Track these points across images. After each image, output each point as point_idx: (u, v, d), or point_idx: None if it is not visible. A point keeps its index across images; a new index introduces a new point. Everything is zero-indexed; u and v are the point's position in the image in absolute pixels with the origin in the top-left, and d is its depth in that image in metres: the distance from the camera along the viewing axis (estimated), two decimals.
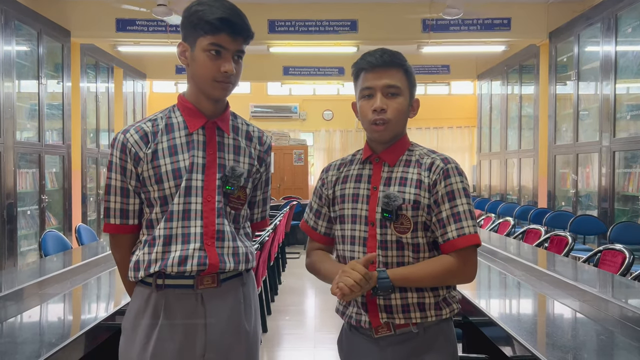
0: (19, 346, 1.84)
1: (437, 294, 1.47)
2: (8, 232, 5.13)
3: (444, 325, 1.49)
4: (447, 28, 6.84)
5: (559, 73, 6.85)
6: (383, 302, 1.45)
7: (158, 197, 1.51)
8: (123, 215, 1.55)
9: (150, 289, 1.51)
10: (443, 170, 1.45)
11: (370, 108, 1.48)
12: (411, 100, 1.53)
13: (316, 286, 6.13)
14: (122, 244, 1.58)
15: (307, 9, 6.83)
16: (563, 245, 3.83)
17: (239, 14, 1.48)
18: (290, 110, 10.81)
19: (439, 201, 1.44)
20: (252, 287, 1.65)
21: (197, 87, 1.53)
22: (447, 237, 1.43)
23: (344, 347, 1.60)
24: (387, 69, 1.48)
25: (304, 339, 4.20)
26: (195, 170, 1.51)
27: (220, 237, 1.52)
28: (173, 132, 1.53)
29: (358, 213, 1.50)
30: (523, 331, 1.92)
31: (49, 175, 6.15)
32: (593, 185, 5.96)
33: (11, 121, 5.19)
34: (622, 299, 2.33)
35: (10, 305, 2.32)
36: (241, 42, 1.49)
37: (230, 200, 1.55)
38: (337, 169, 1.62)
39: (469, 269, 1.45)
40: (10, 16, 5.19)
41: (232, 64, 1.47)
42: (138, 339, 1.50)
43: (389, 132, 1.49)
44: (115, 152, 1.53)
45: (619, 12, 5.36)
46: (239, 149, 1.59)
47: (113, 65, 7.98)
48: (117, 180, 1.53)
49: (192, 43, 1.49)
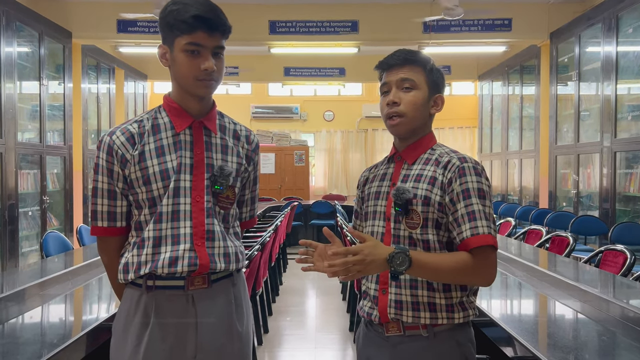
0: (20, 347, 1.84)
1: (449, 295, 1.44)
2: (9, 233, 5.14)
3: (457, 332, 1.45)
4: (447, 29, 6.84)
5: (560, 73, 6.85)
6: (394, 297, 1.44)
7: (146, 198, 1.49)
8: (110, 218, 1.53)
9: (141, 291, 1.50)
10: (459, 168, 1.43)
11: (385, 102, 1.51)
12: (431, 96, 1.52)
13: (317, 287, 6.13)
14: (110, 246, 1.57)
15: (308, 9, 6.83)
16: (564, 245, 3.83)
17: (213, 9, 1.46)
18: (291, 111, 10.81)
19: (455, 199, 1.42)
20: (243, 287, 1.64)
21: (181, 87, 1.53)
22: (462, 236, 1.40)
23: (360, 342, 1.59)
24: (403, 66, 1.49)
25: (304, 340, 4.20)
26: (183, 170, 1.50)
27: (210, 237, 1.51)
28: (160, 132, 1.52)
29: (378, 209, 1.53)
30: (524, 332, 1.92)
31: (50, 176, 6.15)
32: (594, 185, 5.96)
33: (12, 122, 5.19)
34: (624, 300, 2.33)
35: (12, 306, 2.32)
36: (219, 38, 1.48)
37: (219, 200, 1.54)
38: (369, 171, 1.65)
39: (485, 270, 1.39)
40: (11, 17, 5.20)
41: (211, 60, 1.46)
42: (129, 340, 1.49)
43: (404, 126, 1.49)
44: (102, 155, 1.51)
45: (620, 13, 5.36)
46: (227, 148, 1.58)
47: (114, 66, 7.98)
48: (104, 182, 1.52)
49: (170, 44, 1.49)
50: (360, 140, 10.97)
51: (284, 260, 6.93)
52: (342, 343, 4.12)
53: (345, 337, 4.21)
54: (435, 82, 1.52)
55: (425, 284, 1.43)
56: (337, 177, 11.03)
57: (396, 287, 1.45)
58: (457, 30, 6.84)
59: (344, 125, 10.93)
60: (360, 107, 10.72)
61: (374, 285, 1.49)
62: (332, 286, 6.03)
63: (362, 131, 10.93)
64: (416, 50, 1.53)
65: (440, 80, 1.54)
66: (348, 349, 4.00)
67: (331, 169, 11.04)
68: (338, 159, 11.01)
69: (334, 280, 6.31)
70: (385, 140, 10.86)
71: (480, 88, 9.97)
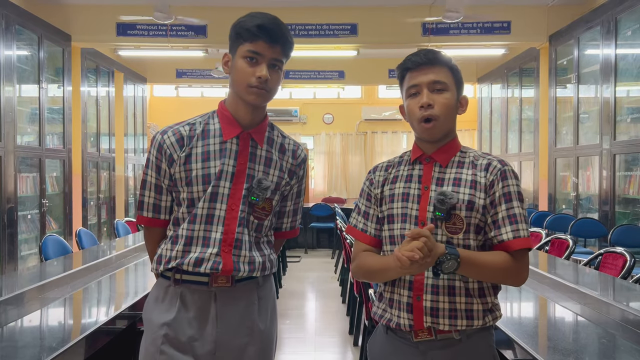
0: (19, 350, 1.84)
1: (485, 300, 1.43)
2: (8, 236, 5.13)
3: (486, 333, 1.46)
4: (447, 32, 6.84)
5: (559, 76, 6.85)
6: (430, 304, 1.41)
7: (186, 198, 1.56)
8: (155, 210, 1.61)
9: (169, 282, 1.58)
10: (501, 171, 1.43)
11: (417, 105, 1.45)
12: (459, 97, 1.51)
13: (317, 290, 6.13)
14: (153, 236, 1.65)
15: (307, 13, 6.84)
16: (564, 248, 3.82)
17: (278, 23, 1.54)
18: (291, 114, 10.81)
19: (496, 202, 1.41)
20: (270, 289, 1.67)
21: (235, 93, 1.57)
22: (502, 238, 1.39)
23: (377, 349, 1.55)
24: (432, 66, 1.47)
25: (304, 343, 4.19)
26: (224, 177, 1.55)
27: (238, 246, 1.55)
28: (208, 138, 1.58)
29: (408, 212, 1.47)
30: (524, 334, 1.92)
31: (50, 180, 6.15)
32: (594, 188, 5.96)
33: (12, 125, 5.19)
34: (624, 302, 2.33)
35: (11, 309, 2.32)
36: (279, 50, 1.53)
37: (254, 210, 1.59)
38: (385, 170, 1.58)
39: (522, 271, 1.41)
40: (11, 21, 5.20)
41: (266, 69, 1.51)
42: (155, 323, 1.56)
43: (438, 130, 1.46)
44: (153, 151, 1.59)
45: (619, 15, 5.37)
46: (271, 161, 1.61)
47: (113, 69, 7.99)
48: (152, 177, 1.60)
49: (233, 52, 1.56)
50: (359, 143, 10.97)
51: (284, 263, 6.92)
52: (342, 346, 4.12)
53: (345, 341, 4.21)
54: (460, 82, 1.52)
55: (463, 290, 1.42)
56: (337, 179, 11.03)
57: (432, 294, 1.41)
58: (456, 33, 6.84)
59: (344, 128, 10.93)
60: (360, 110, 10.73)
61: (407, 292, 1.44)
62: (331, 289, 6.02)
63: (362, 134, 10.93)
64: (438, 50, 1.51)
65: (462, 80, 1.53)
66: (348, 352, 3.99)
67: (331, 172, 11.04)
68: (337, 161, 11.01)
69: (334, 284, 6.30)
70: (384, 143, 10.87)
71: (480, 91, 9.98)
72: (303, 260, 8.20)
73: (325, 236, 9.33)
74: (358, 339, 3.96)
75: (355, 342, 4.04)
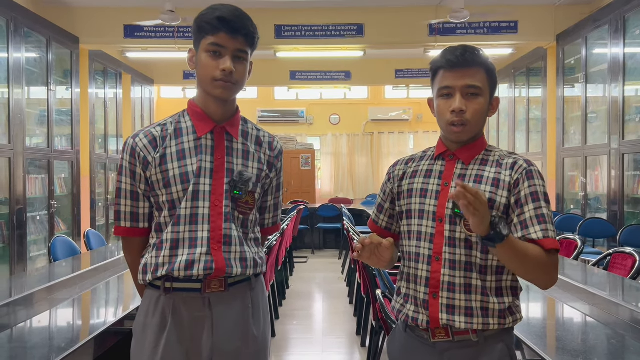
0: (28, 351, 1.85)
1: (502, 300, 1.40)
2: (18, 238, 5.17)
3: (505, 335, 1.42)
4: (453, 32, 6.83)
5: (566, 75, 6.82)
6: (446, 301, 1.39)
7: (166, 200, 1.52)
8: (133, 219, 1.57)
9: (159, 292, 1.52)
10: (526, 170, 1.40)
11: (449, 109, 1.41)
12: (491, 99, 1.47)
13: (324, 291, 6.13)
14: (133, 247, 1.60)
15: (314, 13, 6.85)
16: (572, 248, 3.81)
17: (239, 15, 1.50)
18: (297, 115, 10.82)
19: (522, 202, 1.38)
20: (262, 292, 1.64)
21: (203, 89, 1.54)
22: (531, 237, 1.35)
23: (397, 347, 1.53)
24: (468, 69, 1.41)
25: (312, 344, 4.19)
26: (203, 174, 1.51)
27: (227, 242, 1.52)
28: (182, 136, 1.55)
29: (426, 208, 1.45)
30: (532, 335, 1.91)
31: (58, 181, 6.19)
32: (602, 188, 5.92)
33: (21, 127, 5.23)
34: (633, 303, 2.31)
35: (20, 310, 2.33)
36: (241, 41, 1.50)
37: (238, 205, 1.55)
38: (405, 164, 1.56)
39: (553, 272, 1.38)
40: (19, 24, 5.24)
41: (230, 62, 1.48)
42: (147, 341, 1.51)
43: (467, 134, 1.44)
44: (125, 156, 1.55)
45: (627, 14, 5.34)
46: (248, 153, 1.59)
47: (121, 71, 8.03)
48: (127, 183, 1.55)
49: (197, 47, 1.53)
50: (366, 144, 10.96)
51: (291, 263, 6.93)
52: (349, 347, 4.11)
53: (352, 341, 4.20)
54: (494, 83, 1.47)
55: (479, 288, 1.40)
56: (344, 180, 11.02)
57: (448, 292, 1.40)
58: (463, 33, 6.82)
59: (350, 128, 10.93)
60: (366, 111, 10.72)
61: (423, 288, 1.43)
62: (338, 290, 6.02)
63: (368, 134, 10.92)
64: (478, 48, 1.45)
65: (496, 80, 1.48)
66: (355, 353, 3.99)
67: (337, 173, 11.04)
68: (344, 162, 11.01)
69: (341, 284, 6.30)
70: (391, 144, 10.85)
71: None
72: (310, 261, 8.21)
73: (332, 237, 9.32)
74: (365, 340, 3.96)
75: (363, 343, 4.04)
